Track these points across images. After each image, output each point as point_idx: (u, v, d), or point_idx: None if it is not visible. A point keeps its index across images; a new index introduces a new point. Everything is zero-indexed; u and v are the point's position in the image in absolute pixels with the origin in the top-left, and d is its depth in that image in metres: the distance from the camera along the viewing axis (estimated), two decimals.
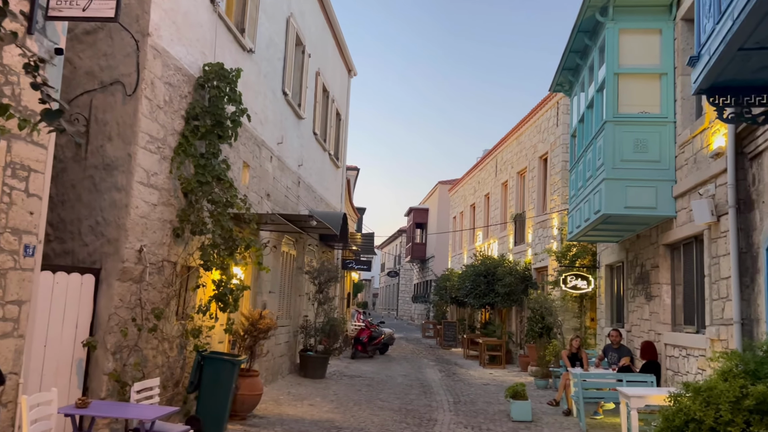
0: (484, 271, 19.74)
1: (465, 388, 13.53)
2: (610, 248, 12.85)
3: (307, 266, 14.59)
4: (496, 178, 23.53)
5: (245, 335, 8.94)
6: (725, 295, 7.11)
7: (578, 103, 11.70)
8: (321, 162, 16.16)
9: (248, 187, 10.33)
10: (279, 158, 12.16)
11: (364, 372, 15.47)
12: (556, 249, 16.48)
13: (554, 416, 10.37)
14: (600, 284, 13.56)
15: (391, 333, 20.81)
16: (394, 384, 13.67)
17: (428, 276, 36.95)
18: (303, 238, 14.19)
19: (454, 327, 25.10)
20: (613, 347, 10.88)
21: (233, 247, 7.61)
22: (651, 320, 9.91)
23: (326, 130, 16.51)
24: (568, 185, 16.65)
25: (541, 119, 18.76)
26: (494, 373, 16.83)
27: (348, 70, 19.34)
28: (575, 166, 11.63)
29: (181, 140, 7.59)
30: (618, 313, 12.38)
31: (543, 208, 18.48)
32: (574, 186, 11.75)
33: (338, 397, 11.35)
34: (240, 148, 9.87)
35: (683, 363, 8.46)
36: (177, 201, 7.59)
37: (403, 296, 47.52)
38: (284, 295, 13.04)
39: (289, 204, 12.91)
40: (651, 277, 9.93)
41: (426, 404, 11.25)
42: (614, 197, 9.01)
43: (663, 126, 9.12)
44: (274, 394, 11.09)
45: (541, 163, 18.80)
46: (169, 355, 7.64)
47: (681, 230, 8.69)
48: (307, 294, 14.87)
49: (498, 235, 22.72)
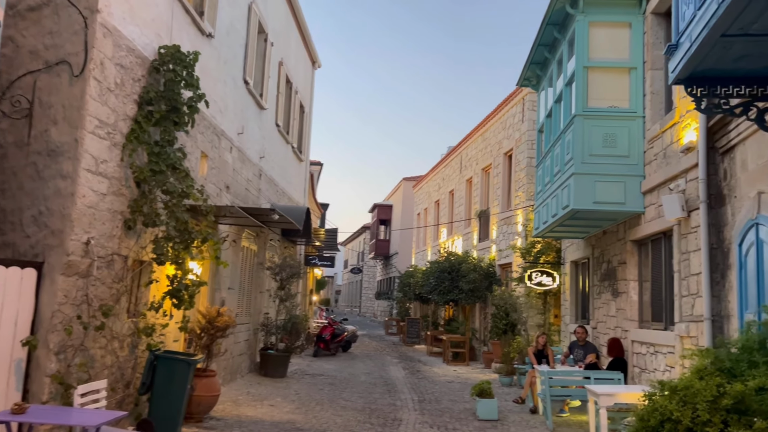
0: (448, 268, 19.59)
1: (429, 386, 13.32)
2: (575, 244, 12.78)
3: (269, 262, 14.16)
4: (461, 175, 23.42)
5: (202, 333, 8.51)
6: (695, 292, 7.01)
7: (546, 98, 11.57)
8: (284, 155, 15.73)
9: (206, 178, 9.88)
10: (239, 149, 11.71)
11: (327, 370, 15.12)
12: (521, 245, 16.40)
13: (520, 414, 10.21)
14: (564, 281, 13.50)
15: (354, 330, 20.50)
16: (357, 382, 13.37)
17: (392, 273, 36.75)
18: (264, 233, 13.76)
19: (418, 324, 24.94)
20: (579, 344, 10.79)
21: (189, 240, 7.18)
22: (618, 317, 9.83)
23: (289, 123, 16.08)
24: (533, 182, 16.59)
25: (507, 115, 18.67)
26: (458, 370, 16.68)
27: (312, 62, 18.92)
28: (542, 161, 11.50)
29: (133, 126, 7.12)
30: (583, 309, 12.31)
31: (507, 205, 18.41)
32: (540, 182, 11.62)
33: (300, 397, 10.99)
34: (198, 137, 9.42)
35: (651, 360, 8.37)
36: (129, 191, 7.13)
37: (367, 293, 47.26)
38: (244, 291, 12.61)
39: (249, 197, 12.47)
40: (618, 273, 9.85)
41: (390, 403, 10.98)
42: (583, 192, 8.87)
43: (632, 121, 9.02)
44: (232, 394, 10.67)
45: (505, 160, 18.72)
46: (119, 355, 7.18)
47: (649, 226, 8.60)
48: (269, 290, 14.44)
49: (462, 231, 22.61)
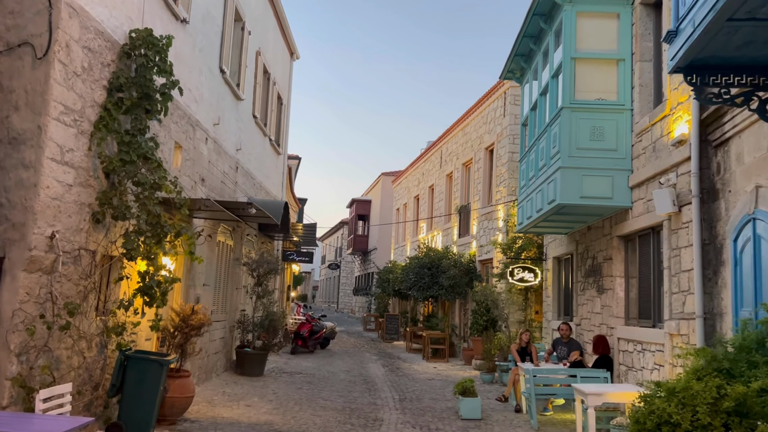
0: (428, 263, 19.37)
1: (410, 384, 13.07)
2: (558, 240, 12.62)
3: (245, 257, 13.77)
4: (441, 170, 23.20)
5: (175, 332, 8.14)
6: (686, 288, 6.84)
7: (530, 91, 11.36)
8: (261, 147, 15.33)
9: (180, 170, 9.48)
10: (215, 140, 11.31)
11: (305, 368, 14.80)
12: (502, 241, 16.24)
13: (504, 413, 10.01)
14: (547, 277, 13.34)
15: (333, 327, 20.19)
16: (336, 381, 13.07)
17: (370, 268, 36.47)
18: (241, 228, 13.37)
19: (397, 320, 24.70)
20: (563, 341, 10.62)
21: (161, 234, 6.80)
22: (603, 314, 9.67)
23: (267, 114, 15.68)
24: (514, 177, 16.42)
25: (488, 110, 18.48)
26: (438, 367, 16.47)
27: (290, 53, 18.51)
28: (526, 155, 11.30)
29: (102, 113, 6.72)
30: (566, 306, 12.16)
31: (488, 200, 18.23)
32: (524, 176, 11.41)
33: (277, 397, 10.66)
34: (171, 126, 9.01)
35: (638, 358, 8.21)
36: (97, 182, 6.73)
37: (344, 289, 46.93)
38: (220, 288, 12.22)
39: (225, 190, 12.08)
40: (603, 269, 9.68)
41: (371, 402, 10.71)
42: (570, 186, 8.67)
43: (620, 114, 8.83)
44: (207, 394, 10.30)
45: (487, 155, 18.54)
46: (87, 356, 6.79)
47: (637, 221, 8.43)
48: (245, 287, 14.06)
49: (442, 227, 22.41)
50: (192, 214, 9.54)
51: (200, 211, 9.55)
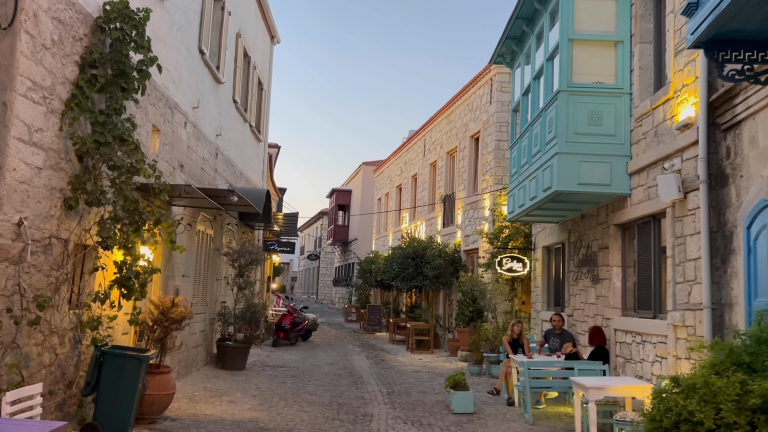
0: (412, 254, 19.05)
1: (396, 377, 12.75)
2: (548, 229, 12.36)
3: (226, 247, 13.30)
4: (425, 159, 22.85)
5: (155, 326, 7.68)
6: (692, 278, 6.58)
7: (522, 75, 11.04)
8: (241, 133, 14.82)
9: (158, 155, 8.98)
10: (194, 125, 10.80)
11: (288, 361, 14.40)
12: (488, 230, 15.96)
13: (496, 407, 9.73)
14: (535, 267, 13.09)
15: (315, 318, 19.80)
16: (321, 374, 12.69)
17: (350, 259, 36.09)
18: (221, 217, 12.89)
19: (379, 311, 24.39)
20: (555, 332, 10.37)
21: (139, 221, 6.34)
22: (598, 304, 9.42)
23: (247, 99, 15.15)
24: (501, 165, 16.14)
25: (474, 97, 18.14)
26: (423, 358, 16.18)
27: (271, 37, 17.95)
28: (518, 142, 10.98)
29: (74, 91, 6.22)
30: (556, 296, 11.92)
31: (474, 189, 17.93)
32: (515, 163, 11.10)
33: (261, 392, 10.26)
34: (149, 108, 8.51)
35: (637, 350, 7.96)
36: (69, 165, 6.24)
37: (324, 280, 46.50)
38: (200, 279, 11.75)
39: (205, 177, 11.59)
40: (599, 259, 9.42)
41: (358, 396, 10.36)
42: (567, 173, 8.36)
43: (618, 98, 8.54)
44: (188, 390, 9.86)
45: (472, 143, 18.22)
46: (60, 352, 6.32)
47: (637, 209, 8.16)
48: (226, 278, 13.59)
49: (426, 216, 22.09)
50: (171, 202, 9.06)
51: (180, 198, 9.07)
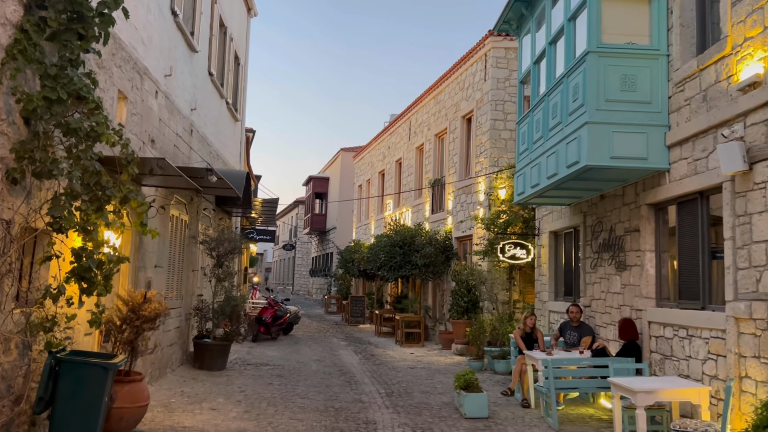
0: (399, 242, 17.97)
1: (392, 374, 11.70)
2: (556, 212, 11.39)
3: (203, 235, 12.06)
4: (410, 142, 21.75)
5: (123, 326, 6.47)
6: (762, 263, 5.62)
7: (533, 42, 9.98)
8: (218, 111, 13.53)
9: (126, 126, 7.73)
10: (167, 95, 9.54)
11: (271, 358, 13.23)
12: (484, 216, 14.96)
13: (511, 408, 8.74)
14: (541, 253, 12.12)
15: (297, 311, 18.64)
16: (309, 372, 11.57)
17: (329, 249, 34.91)
18: (197, 201, 11.64)
19: (362, 302, 23.30)
20: (572, 325, 9.41)
21: (102, 199, 5.13)
22: (625, 294, 8.46)
23: (224, 74, 13.86)
24: (497, 146, 15.14)
25: (465, 74, 17.07)
26: (415, 352, 15.16)
27: (248, 8, 16.61)
28: (528, 115, 9.95)
29: (17, 36, 4.97)
30: (567, 285, 10.97)
31: (466, 173, 16.91)
32: (526, 139, 10.07)
33: (246, 396, 9.10)
34: (114, 70, 7.25)
35: (681, 345, 7.01)
36: (13, 129, 5.00)
37: (300, 270, 45.24)
38: (174, 270, 10.51)
39: (179, 156, 10.32)
40: (626, 243, 8.45)
41: (355, 399, 9.27)
42: (598, 145, 7.34)
43: (654, 60, 7.54)
44: (163, 395, 8.66)
45: (464, 124, 17.17)
46: (3, 361, 5.10)
47: (678, 186, 7.18)
48: (203, 269, 12.36)
49: (412, 203, 21.02)
50: (142, 181, 7.82)
51: (151, 176, 7.82)
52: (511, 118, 15.25)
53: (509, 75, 15.37)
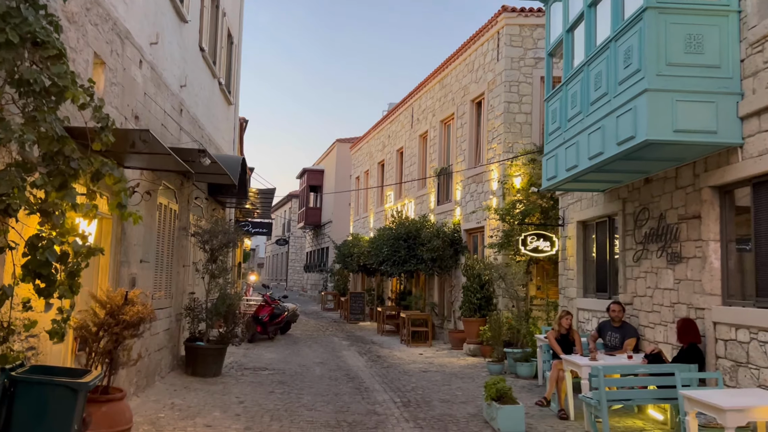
0: (404, 235, 16.88)
1: (404, 379, 10.61)
2: (586, 200, 10.33)
3: (194, 226, 10.91)
4: (413, 130, 20.62)
5: (100, 332, 5.34)
6: None
7: (565, 8, 8.88)
8: (210, 90, 12.36)
9: (103, 96, 6.58)
10: (153, 67, 8.37)
11: (270, 361, 12.12)
12: (498, 206, 13.89)
13: (549, 421, 7.68)
14: (567, 245, 11.06)
15: (295, 309, 17.52)
16: (313, 378, 10.47)
17: (324, 243, 33.76)
18: (187, 188, 10.49)
19: (362, 298, 22.20)
20: (613, 325, 8.36)
21: (67, 174, 3.99)
22: (680, 290, 7.40)
23: (216, 50, 12.69)
24: (511, 131, 14.07)
25: (475, 55, 15.96)
26: (424, 353, 14.09)
27: None
28: (561, 90, 8.86)
29: None
30: (599, 280, 9.91)
31: (476, 160, 15.82)
32: (558, 117, 8.98)
33: (246, 408, 7.99)
34: (88, 28, 6.09)
35: (763, 351, 5.95)
36: None
37: (294, 266, 44.04)
38: (162, 265, 9.36)
39: (167, 137, 9.16)
40: (681, 232, 7.39)
41: (369, 410, 8.18)
42: (660, 117, 6.26)
43: (723, 17, 6.46)
44: (150, 409, 7.53)
45: (473, 108, 16.07)
46: None
47: (755, 164, 6.12)
48: (195, 264, 11.21)
49: (415, 194, 19.91)
50: (124, 160, 6.67)
51: (134, 154, 6.67)
52: (526, 100, 14.18)
53: (524, 54, 14.28)
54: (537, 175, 13.82)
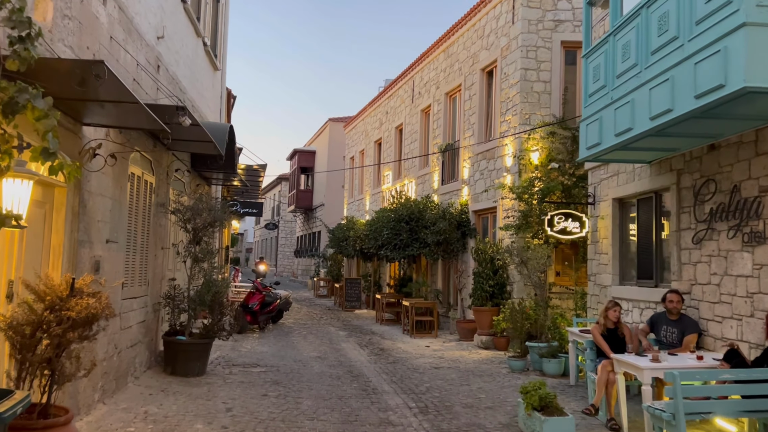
0: (406, 216, 15.55)
1: (415, 377, 9.32)
2: (624, 174, 9.03)
3: (175, 203, 9.51)
4: (414, 105, 19.21)
5: (36, 334, 3.95)
6: None
7: None
8: (193, 50, 10.88)
9: (52, 32, 5.15)
10: (122, 7, 6.91)
11: (262, 356, 10.78)
12: (513, 184, 12.57)
13: None
14: (599, 226, 9.78)
15: (288, 296, 16.16)
16: (311, 376, 9.14)
17: (316, 227, 32.37)
18: (166, 159, 9.07)
19: (359, 285, 20.87)
20: (670, 318, 7.09)
21: None
22: (762, 277, 6.13)
23: (200, 6, 11.19)
24: (528, 101, 12.71)
25: (486, 19, 14.55)
26: (431, 345, 12.81)
27: None
28: (606, 42, 7.51)
29: None
30: (642, 265, 8.64)
31: (487, 135, 14.47)
32: (601, 75, 7.64)
33: (235, 419, 6.65)
34: None
35: None
36: None
37: (283, 250, 42.62)
38: (136, 247, 7.96)
39: (141, 95, 7.70)
40: (764, 207, 6.11)
41: (381, 419, 6.88)
42: (762, 57, 4.95)
43: None
44: (117, 420, 6.18)
45: (483, 78, 14.69)
46: None
47: None
48: (175, 246, 9.82)
49: (416, 173, 18.53)
50: (81, 115, 5.25)
51: (96, 107, 5.25)
52: (545, 67, 12.81)
53: (542, 16, 12.90)
54: (557, 149, 12.53)
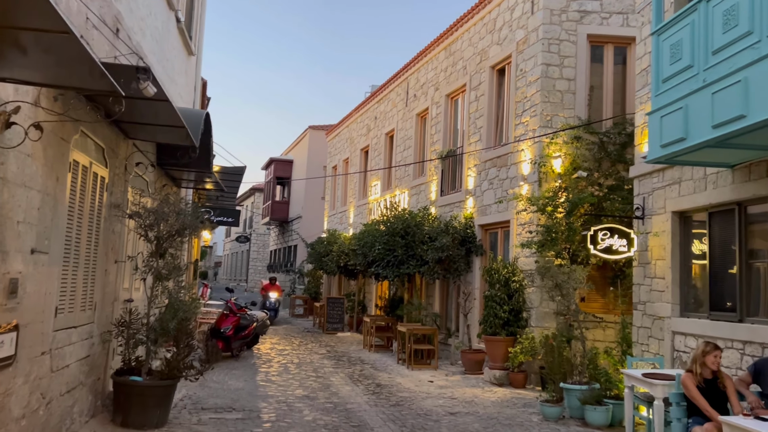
0: (401, 230, 13.79)
1: (429, 427, 7.50)
2: (691, 182, 7.44)
3: (134, 205, 7.59)
4: (407, 109, 17.54)
5: None
6: None
7: None
8: (164, 24, 9.02)
9: None
10: None
11: (237, 394, 8.84)
12: (531, 194, 10.93)
13: None
14: (652, 245, 8.14)
15: (265, 317, 14.21)
16: (303, 428, 7.25)
17: (292, 240, 30.40)
18: (124, 149, 7.18)
19: (342, 305, 18.98)
20: None
21: None
22: None
23: None
24: (550, 101, 11.13)
25: (497, 11, 12.98)
26: (434, 379, 11.02)
27: None
28: (694, 10, 5.92)
29: None
30: (717, 293, 7.01)
31: (497, 139, 12.84)
32: (683, 54, 6.04)
33: None
34: None
35: None
36: None
37: (255, 265, 40.43)
38: (78, 259, 6.03)
39: None
40: None
41: None
42: None
43: None
44: None
45: (493, 76, 13.08)
46: None
47: None
48: (132, 259, 7.85)
49: (410, 183, 16.82)
50: None
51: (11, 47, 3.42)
52: (569, 63, 11.26)
53: (566, 6, 11.38)
54: (582, 156, 10.96)
